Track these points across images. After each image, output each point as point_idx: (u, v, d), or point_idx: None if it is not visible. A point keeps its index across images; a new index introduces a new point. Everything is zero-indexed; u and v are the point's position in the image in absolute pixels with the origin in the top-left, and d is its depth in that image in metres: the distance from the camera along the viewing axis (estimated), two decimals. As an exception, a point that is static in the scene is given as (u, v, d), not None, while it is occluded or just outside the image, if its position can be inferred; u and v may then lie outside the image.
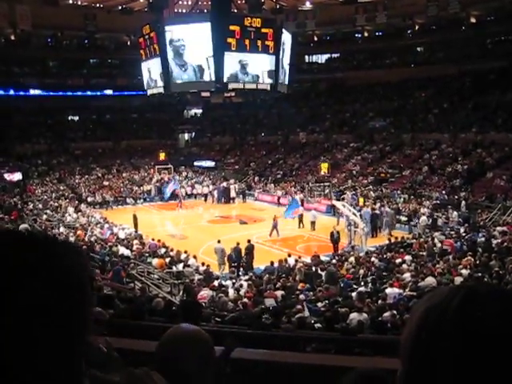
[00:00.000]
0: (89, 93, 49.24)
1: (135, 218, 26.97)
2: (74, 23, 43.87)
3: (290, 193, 33.93)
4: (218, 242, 19.97)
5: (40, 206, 31.48)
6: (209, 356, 1.39)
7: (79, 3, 41.67)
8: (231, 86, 20.06)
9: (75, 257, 0.81)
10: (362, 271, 16.19)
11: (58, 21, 42.06)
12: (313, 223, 26.74)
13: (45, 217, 28.25)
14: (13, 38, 44.72)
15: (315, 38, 51.21)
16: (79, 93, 49.13)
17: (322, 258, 19.32)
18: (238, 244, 19.57)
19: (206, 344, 1.40)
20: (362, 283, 14.87)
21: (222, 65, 19.12)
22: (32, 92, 46.59)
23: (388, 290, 13.00)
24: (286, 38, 21.16)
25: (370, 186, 33.66)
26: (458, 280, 13.34)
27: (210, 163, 44.48)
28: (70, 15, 42.58)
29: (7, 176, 36.01)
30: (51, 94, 47.27)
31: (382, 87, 46.94)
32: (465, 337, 0.73)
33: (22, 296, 0.72)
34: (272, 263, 17.56)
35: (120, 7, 42.18)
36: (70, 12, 42.21)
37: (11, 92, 46.27)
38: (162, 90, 21.09)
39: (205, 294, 13.49)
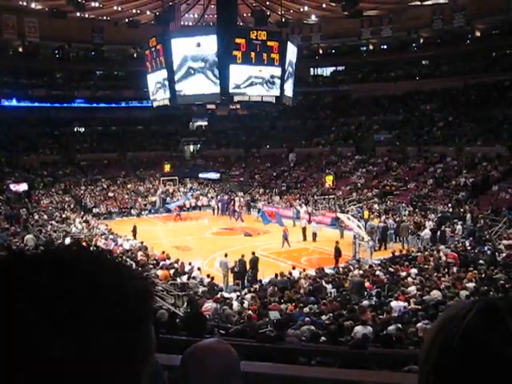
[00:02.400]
0: (95, 104, 49.62)
1: (134, 228, 27.54)
2: (82, 35, 44.31)
3: (294, 205, 33.92)
4: (225, 255, 19.90)
5: (45, 216, 31.55)
6: (234, 371, 1.38)
7: (87, 16, 42.07)
8: (236, 98, 20.13)
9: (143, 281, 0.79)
10: (367, 284, 16.10)
11: (65, 33, 42.52)
12: (314, 234, 26.83)
13: (50, 227, 28.31)
14: (21, 49, 45.17)
15: (320, 51, 51.50)
16: (86, 104, 49.54)
17: (327, 270, 19.27)
18: (242, 256, 19.51)
19: (232, 359, 1.39)
20: (367, 296, 14.79)
21: (227, 77, 19.22)
22: (39, 103, 46.91)
23: (393, 304, 12.93)
24: (292, 50, 21.26)
25: (375, 199, 33.60)
26: (464, 294, 13.26)
27: (215, 175, 44.50)
28: (78, 28, 43.03)
29: (13, 187, 36.03)
30: (58, 105, 47.65)
31: (387, 100, 47.07)
32: (473, 354, 0.71)
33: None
34: (276, 275, 17.52)
35: (127, 20, 42.58)
36: (77, 24, 42.65)
37: (19, 103, 46.63)
38: (167, 102, 21.19)
39: (209, 306, 13.45)
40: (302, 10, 42.61)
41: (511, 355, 0.69)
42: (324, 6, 40.76)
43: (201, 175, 44.82)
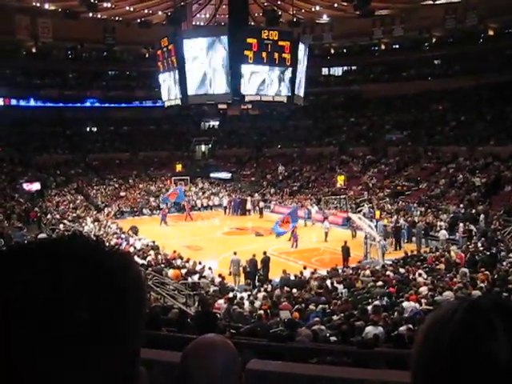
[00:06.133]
0: (107, 104, 49.80)
1: (135, 228, 27.62)
2: (94, 36, 44.51)
3: (305, 205, 33.84)
4: (234, 253, 19.95)
5: (58, 216, 31.78)
6: (234, 365, 1.38)
7: (99, 16, 42.23)
8: (248, 98, 20.14)
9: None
10: (380, 283, 15.98)
11: (78, 33, 42.70)
12: (326, 234, 26.78)
13: (62, 226, 28.50)
14: (34, 50, 45.48)
15: (332, 51, 51.30)
16: (98, 104, 49.79)
17: (340, 271, 19.23)
18: (253, 256, 19.54)
19: (232, 353, 1.39)
20: (378, 297, 14.71)
21: (239, 77, 19.24)
22: (52, 103, 47.23)
23: (404, 304, 12.88)
24: (303, 50, 21.22)
25: (387, 199, 33.45)
26: (476, 294, 13.17)
27: (227, 175, 44.57)
28: (90, 28, 43.21)
29: (26, 186, 36.34)
30: (70, 105, 47.95)
31: (399, 100, 46.82)
32: (461, 353, 0.73)
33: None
34: (284, 272, 17.64)
35: (139, 20, 42.71)
36: (89, 25, 42.82)
37: (31, 103, 47.01)
38: (179, 102, 21.22)
39: (220, 305, 13.48)
40: (313, 9, 42.47)
41: (497, 353, 0.70)
42: (336, 5, 40.59)
43: (212, 175, 44.91)
